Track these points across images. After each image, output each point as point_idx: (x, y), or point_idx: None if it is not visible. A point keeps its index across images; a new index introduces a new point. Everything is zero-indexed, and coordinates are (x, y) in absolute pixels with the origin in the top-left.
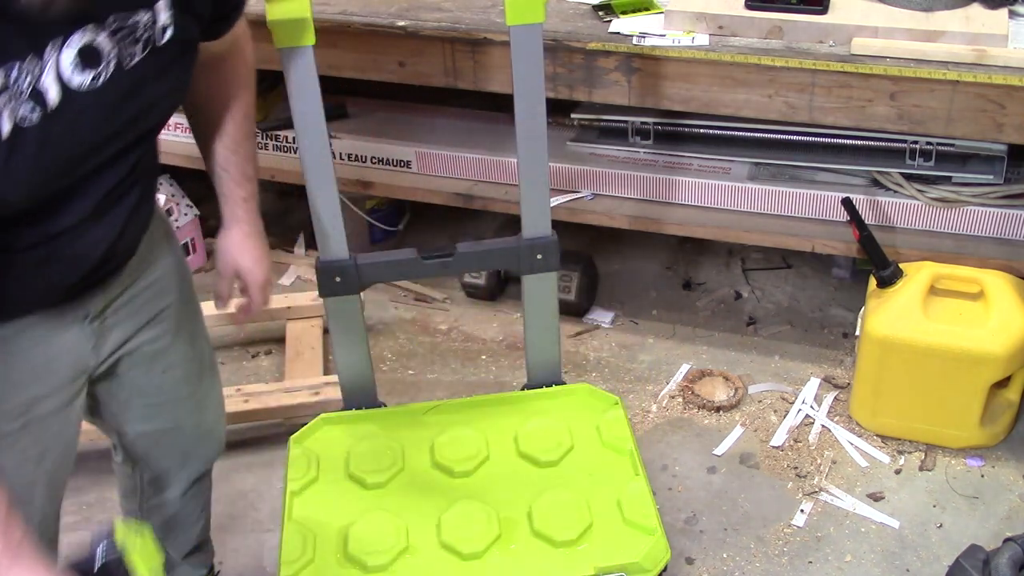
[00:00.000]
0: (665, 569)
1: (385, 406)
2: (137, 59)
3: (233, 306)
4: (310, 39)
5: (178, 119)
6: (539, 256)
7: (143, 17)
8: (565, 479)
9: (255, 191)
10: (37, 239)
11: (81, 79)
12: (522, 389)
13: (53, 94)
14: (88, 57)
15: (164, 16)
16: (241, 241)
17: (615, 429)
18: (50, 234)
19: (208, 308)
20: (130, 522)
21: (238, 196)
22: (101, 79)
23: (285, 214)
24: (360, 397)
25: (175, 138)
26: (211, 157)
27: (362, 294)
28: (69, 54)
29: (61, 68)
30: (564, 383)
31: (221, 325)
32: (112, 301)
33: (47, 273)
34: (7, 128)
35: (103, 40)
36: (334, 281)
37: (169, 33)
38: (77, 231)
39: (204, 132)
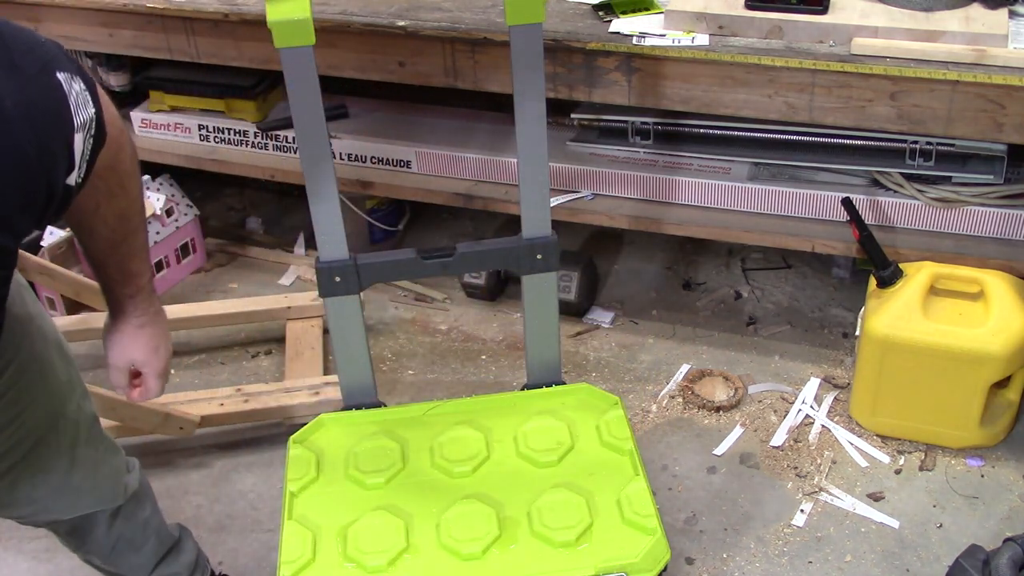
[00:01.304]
0: (665, 569)
1: (385, 406)
2: None
3: (131, 392)
4: (310, 39)
5: (176, 119)
6: (539, 256)
7: None
8: (565, 479)
9: (144, 283)
10: None
11: None
12: (522, 389)
13: None
14: None
15: None
16: (132, 335)
17: (615, 429)
18: None
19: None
20: None
21: (121, 294)
22: None
23: (285, 214)
24: (360, 397)
25: (174, 138)
26: (88, 256)
27: (362, 294)
28: None
29: None
30: (564, 383)
31: (219, 325)
32: None
33: None
34: None
35: None
36: (334, 281)
37: None
38: None
39: (77, 233)
